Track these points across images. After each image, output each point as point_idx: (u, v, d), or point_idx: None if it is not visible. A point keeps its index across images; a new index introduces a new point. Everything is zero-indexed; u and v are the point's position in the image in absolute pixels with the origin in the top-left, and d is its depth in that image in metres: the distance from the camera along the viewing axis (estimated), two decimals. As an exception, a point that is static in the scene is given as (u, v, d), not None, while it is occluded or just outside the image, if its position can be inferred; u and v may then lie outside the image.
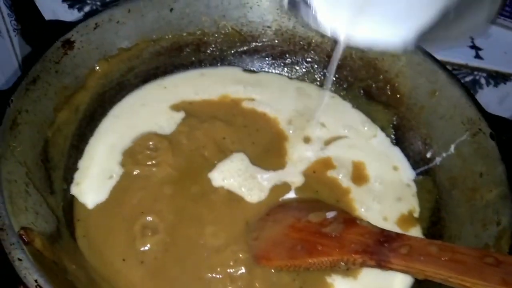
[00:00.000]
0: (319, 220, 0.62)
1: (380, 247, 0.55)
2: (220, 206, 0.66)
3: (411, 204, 0.72)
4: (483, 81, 1.08)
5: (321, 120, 0.80)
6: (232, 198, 0.67)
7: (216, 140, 0.74)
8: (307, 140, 0.77)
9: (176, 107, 0.77)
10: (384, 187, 0.73)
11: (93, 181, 0.67)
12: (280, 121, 0.79)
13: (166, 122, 0.75)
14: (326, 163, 0.74)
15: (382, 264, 0.54)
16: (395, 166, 0.76)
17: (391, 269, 0.54)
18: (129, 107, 0.77)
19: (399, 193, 0.73)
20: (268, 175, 0.71)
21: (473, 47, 1.13)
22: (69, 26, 0.70)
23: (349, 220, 0.62)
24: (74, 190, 0.66)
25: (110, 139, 0.72)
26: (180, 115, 0.76)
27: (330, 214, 0.62)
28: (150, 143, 0.71)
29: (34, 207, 0.56)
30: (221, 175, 0.69)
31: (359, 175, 0.74)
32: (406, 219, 0.70)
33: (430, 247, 0.52)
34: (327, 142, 0.77)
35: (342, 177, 0.73)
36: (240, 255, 0.62)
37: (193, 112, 0.77)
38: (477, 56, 1.10)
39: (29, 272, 0.46)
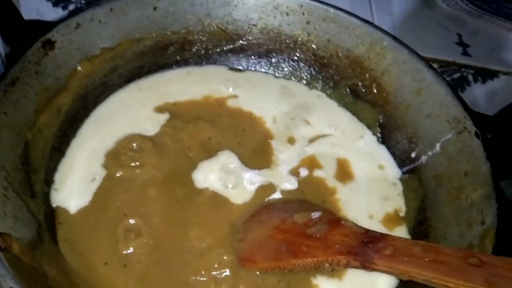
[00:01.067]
0: (304, 221, 0.61)
1: (364, 248, 0.55)
2: (205, 208, 0.66)
3: (397, 203, 0.72)
4: (470, 78, 1.08)
5: (307, 119, 0.79)
6: (217, 199, 0.67)
7: (202, 141, 0.73)
8: (291, 140, 0.77)
9: (160, 109, 0.77)
10: (370, 186, 0.73)
11: (75, 184, 0.66)
12: (266, 121, 0.79)
13: (150, 123, 0.74)
14: (312, 162, 0.74)
15: (366, 265, 0.54)
16: (381, 165, 0.76)
17: (375, 270, 0.54)
18: (112, 108, 0.76)
19: (385, 192, 0.73)
20: (255, 175, 0.71)
21: (461, 43, 1.13)
22: (50, 25, 0.69)
23: (334, 220, 0.61)
24: (55, 195, 0.65)
25: (93, 141, 0.71)
26: (164, 116, 0.76)
27: (315, 215, 0.62)
28: (134, 144, 0.70)
29: (13, 211, 0.55)
30: (206, 174, 0.69)
31: (344, 173, 0.73)
32: (392, 218, 0.70)
33: (414, 248, 0.52)
34: (312, 140, 0.77)
35: (328, 176, 0.72)
36: (225, 258, 0.61)
37: (177, 113, 0.76)
38: (465, 53, 1.11)
39: (4, 279, 0.45)
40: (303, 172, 0.73)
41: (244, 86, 0.83)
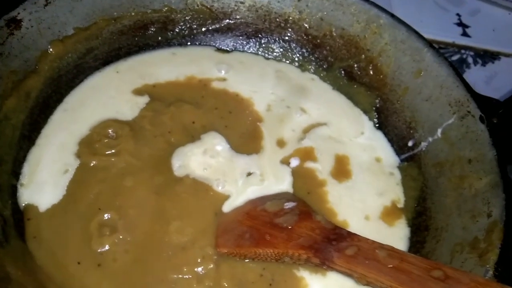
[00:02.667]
0: (275, 210, 0.58)
1: (326, 245, 0.52)
2: (186, 197, 0.60)
3: (395, 193, 0.67)
4: (470, 60, 1.03)
5: (303, 106, 0.74)
6: (198, 187, 0.62)
7: (184, 124, 0.68)
8: (287, 126, 0.71)
9: (139, 91, 0.71)
10: (366, 183, 0.67)
11: (46, 177, 0.61)
12: (254, 102, 0.73)
13: (129, 107, 0.69)
14: (308, 154, 0.69)
15: (325, 263, 0.52)
16: (378, 158, 0.71)
17: (334, 269, 0.51)
18: (87, 92, 0.70)
19: (381, 187, 0.67)
20: (242, 160, 0.66)
21: (460, 24, 1.08)
22: (14, 2, 0.63)
23: (305, 212, 0.58)
24: (23, 190, 0.60)
25: (65, 128, 0.65)
26: (144, 99, 0.70)
27: (288, 205, 0.59)
28: (110, 130, 0.64)
29: (-27, 207, 0.50)
30: (186, 160, 0.63)
31: (341, 170, 0.68)
32: (390, 212, 0.65)
33: (378, 252, 0.50)
34: (306, 130, 0.71)
35: (321, 169, 0.67)
36: (208, 251, 0.57)
37: (157, 96, 0.70)
38: (464, 34, 1.06)
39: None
40: (294, 162, 0.67)
41: (238, 68, 0.77)
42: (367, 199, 0.65)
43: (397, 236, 0.63)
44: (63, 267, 0.54)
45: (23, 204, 0.58)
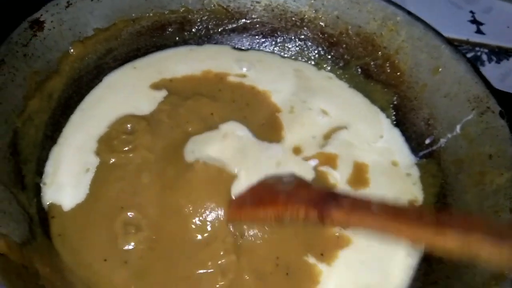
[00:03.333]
0: (274, 181, 0.60)
1: (324, 200, 0.52)
2: (198, 185, 0.59)
3: (411, 194, 0.67)
4: (484, 57, 1.02)
5: (322, 107, 0.74)
6: (210, 171, 0.60)
7: (202, 116, 0.68)
8: (308, 129, 0.71)
9: (156, 86, 0.72)
10: (382, 189, 0.66)
11: (68, 176, 0.61)
12: (272, 94, 0.74)
13: (147, 102, 0.69)
14: (329, 159, 0.68)
15: (324, 215, 0.51)
16: (395, 161, 0.70)
17: (332, 222, 0.52)
18: (106, 90, 0.71)
19: (397, 191, 0.67)
20: (264, 146, 0.65)
21: (474, 21, 1.08)
22: (38, 4, 0.64)
23: (304, 183, 0.60)
24: (46, 189, 0.60)
25: (85, 127, 0.66)
26: (162, 93, 0.70)
27: (287, 178, 0.60)
28: (128, 125, 0.65)
29: (1, 205, 0.51)
30: (200, 146, 0.62)
31: (359, 179, 0.67)
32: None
33: (372, 205, 0.50)
34: (328, 135, 0.71)
35: (339, 177, 0.67)
36: (229, 241, 0.57)
37: (175, 90, 0.71)
38: (479, 31, 1.05)
39: (-12, 282, 0.40)
40: (312, 163, 0.67)
41: (258, 66, 0.77)
42: None
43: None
44: (88, 264, 0.55)
45: (47, 203, 0.59)
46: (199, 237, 0.57)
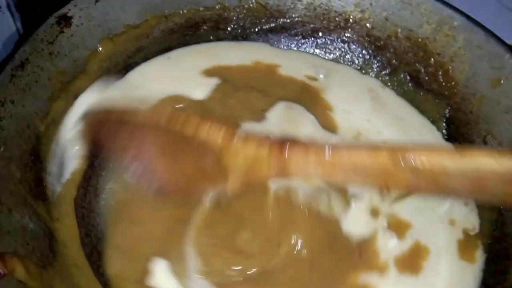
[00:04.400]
0: None
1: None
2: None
3: (466, 221, 0.60)
4: (537, 64, 0.95)
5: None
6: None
7: (254, 110, 0.64)
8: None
9: (209, 72, 0.68)
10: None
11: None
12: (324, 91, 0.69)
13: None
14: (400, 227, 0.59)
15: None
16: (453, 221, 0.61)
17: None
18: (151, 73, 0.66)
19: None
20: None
21: (527, 24, 1.00)
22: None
23: None
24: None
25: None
26: (214, 81, 0.67)
27: None
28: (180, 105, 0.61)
29: (20, 221, 0.46)
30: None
31: (411, 264, 0.57)
32: (463, 244, 0.58)
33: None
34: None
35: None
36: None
37: (228, 78, 0.67)
38: (532, 36, 0.98)
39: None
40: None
41: (334, 77, 0.72)
42: None
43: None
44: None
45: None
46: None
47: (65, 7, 0.59)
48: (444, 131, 0.68)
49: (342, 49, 0.75)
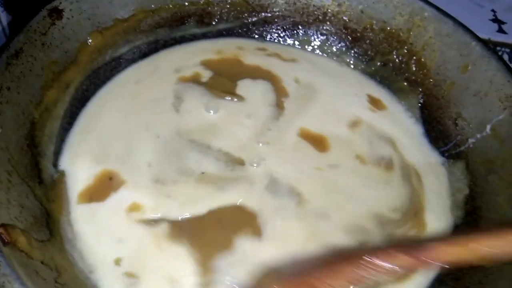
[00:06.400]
0: None
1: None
2: None
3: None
4: (506, 57, 1.00)
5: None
6: None
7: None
8: None
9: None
10: None
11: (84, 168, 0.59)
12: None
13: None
14: None
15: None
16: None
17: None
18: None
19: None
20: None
21: (496, 20, 1.06)
22: (56, -8, 0.62)
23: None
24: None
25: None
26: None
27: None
28: None
29: (18, 199, 0.49)
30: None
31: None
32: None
33: None
34: None
35: None
36: None
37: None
38: (500, 30, 1.03)
39: (8, 279, 0.38)
40: None
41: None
42: None
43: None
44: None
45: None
46: None
47: (56, 0, 0.61)
48: (417, 116, 0.72)
49: (321, 41, 0.78)
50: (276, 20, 0.79)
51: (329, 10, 0.77)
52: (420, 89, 0.72)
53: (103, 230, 0.54)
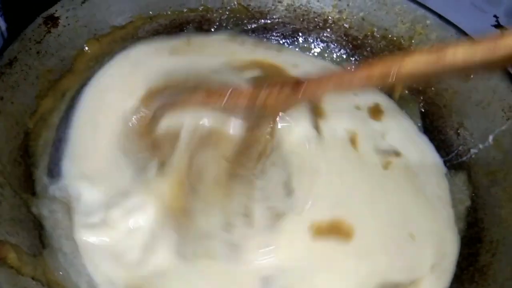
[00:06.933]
0: None
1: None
2: None
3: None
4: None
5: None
6: None
7: None
8: None
9: None
10: None
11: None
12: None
13: None
14: None
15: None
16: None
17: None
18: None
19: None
20: None
21: (498, 26, 1.05)
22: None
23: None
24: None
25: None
26: None
27: None
28: None
29: (10, 213, 0.48)
30: None
31: None
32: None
33: None
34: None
35: None
36: None
37: None
38: (503, 36, 1.02)
39: (-3, 299, 0.37)
40: None
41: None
42: None
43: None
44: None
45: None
46: None
47: (52, 8, 0.60)
48: (419, 124, 0.71)
49: (321, 48, 0.77)
50: (276, 27, 0.78)
51: (330, 17, 0.76)
52: (422, 98, 0.71)
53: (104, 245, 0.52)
